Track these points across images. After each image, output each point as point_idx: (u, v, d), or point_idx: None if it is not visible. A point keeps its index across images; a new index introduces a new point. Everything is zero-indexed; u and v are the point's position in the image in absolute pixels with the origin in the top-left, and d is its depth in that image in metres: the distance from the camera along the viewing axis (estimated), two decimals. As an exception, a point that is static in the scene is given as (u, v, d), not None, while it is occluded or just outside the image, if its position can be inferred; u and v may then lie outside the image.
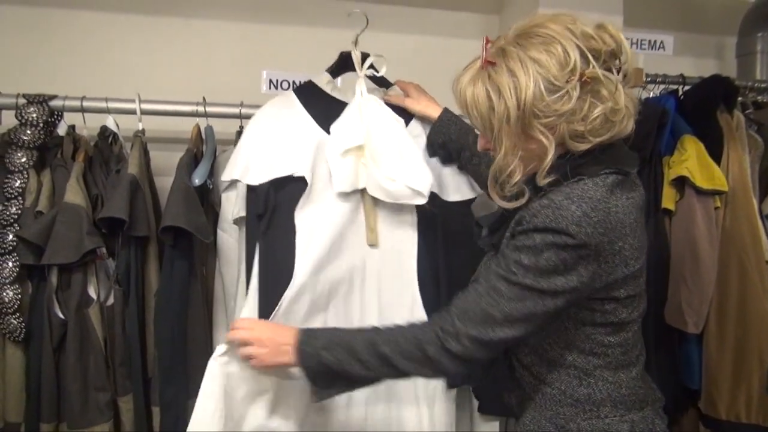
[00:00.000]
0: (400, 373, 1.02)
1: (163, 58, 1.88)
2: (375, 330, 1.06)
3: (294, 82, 1.81)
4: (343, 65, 1.47)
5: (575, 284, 0.92)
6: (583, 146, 0.94)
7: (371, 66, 1.43)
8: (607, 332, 0.99)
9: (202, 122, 1.62)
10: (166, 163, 1.62)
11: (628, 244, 0.95)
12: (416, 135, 1.43)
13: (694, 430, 1.70)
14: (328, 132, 1.37)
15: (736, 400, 1.58)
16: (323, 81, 1.45)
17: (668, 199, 1.63)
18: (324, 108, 1.40)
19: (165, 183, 1.51)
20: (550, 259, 0.91)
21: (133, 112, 1.56)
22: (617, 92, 0.92)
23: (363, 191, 1.36)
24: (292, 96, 1.42)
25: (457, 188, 1.45)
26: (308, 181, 1.32)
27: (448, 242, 1.42)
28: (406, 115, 1.44)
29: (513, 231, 0.98)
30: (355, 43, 1.42)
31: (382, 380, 1.08)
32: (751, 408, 1.58)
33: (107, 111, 1.56)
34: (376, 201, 1.36)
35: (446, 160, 1.44)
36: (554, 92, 0.90)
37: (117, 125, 1.58)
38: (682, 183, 1.61)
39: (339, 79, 1.50)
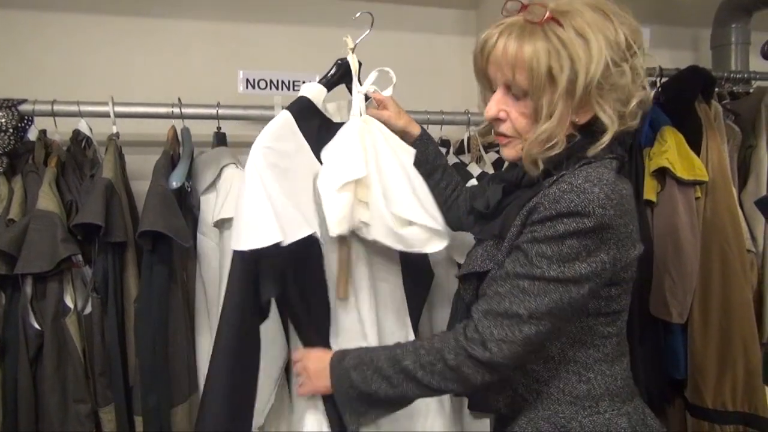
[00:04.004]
0: (424, 388, 0.97)
1: (136, 59, 1.84)
2: (400, 344, 1.02)
3: (271, 81, 1.79)
4: (340, 77, 1.30)
5: (598, 270, 0.89)
6: (617, 128, 0.93)
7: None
8: (607, 322, 0.98)
9: (178, 124, 1.59)
10: (142, 166, 1.59)
11: (635, 226, 0.95)
12: None
13: (680, 419, 1.71)
14: (320, 160, 1.20)
15: (721, 388, 1.60)
16: (320, 98, 1.25)
17: (650, 190, 1.63)
18: (316, 131, 1.22)
19: (142, 187, 1.47)
20: (573, 246, 0.88)
21: (106, 115, 1.53)
22: (644, 85, 0.95)
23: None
24: (290, 122, 1.17)
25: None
26: (319, 238, 1.13)
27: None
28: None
29: (525, 220, 0.94)
30: (353, 50, 1.28)
31: (409, 399, 1.02)
32: (736, 396, 1.59)
33: (79, 114, 1.52)
34: (358, 244, 1.24)
35: None
36: (616, 65, 0.90)
37: (90, 129, 1.55)
38: (662, 174, 1.62)
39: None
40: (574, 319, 0.96)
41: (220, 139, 1.66)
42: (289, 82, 1.78)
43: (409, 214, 1.18)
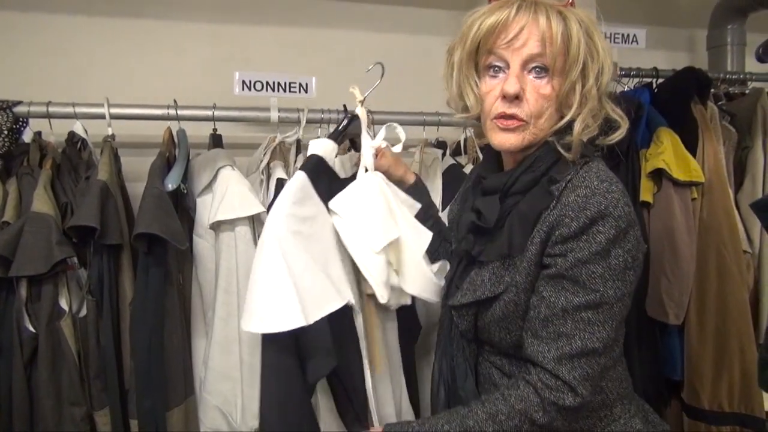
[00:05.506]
0: None
1: (132, 61, 1.84)
2: (465, 416, 0.91)
3: (267, 83, 1.78)
4: (351, 131, 1.26)
5: (639, 269, 0.89)
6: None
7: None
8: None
9: (174, 125, 1.58)
10: (138, 168, 1.58)
11: None
12: None
13: (677, 421, 1.71)
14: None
15: (718, 389, 1.60)
16: (332, 156, 1.18)
17: (646, 191, 1.64)
18: (327, 189, 1.14)
19: (137, 189, 1.46)
20: (618, 255, 0.85)
21: (102, 116, 1.52)
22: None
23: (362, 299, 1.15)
24: (307, 184, 1.09)
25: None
26: (355, 307, 1.09)
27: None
28: None
29: (546, 237, 0.89)
30: (362, 102, 1.22)
31: None
32: (733, 397, 1.59)
33: (75, 116, 1.51)
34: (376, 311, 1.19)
35: None
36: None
37: (85, 131, 1.54)
38: (659, 175, 1.62)
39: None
40: None
41: (216, 141, 1.66)
42: (285, 83, 1.77)
43: (428, 265, 1.17)
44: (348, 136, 1.27)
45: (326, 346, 1.00)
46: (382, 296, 1.08)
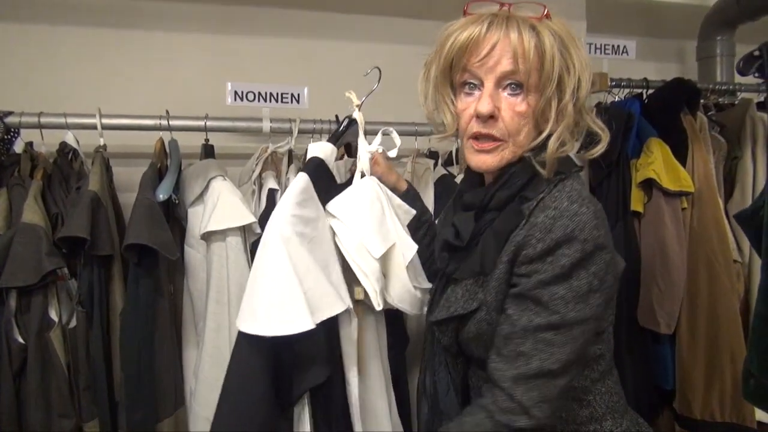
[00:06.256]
0: None
1: (124, 71, 1.84)
2: None
3: (259, 94, 1.79)
4: (348, 135, 1.26)
5: (608, 293, 0.86)
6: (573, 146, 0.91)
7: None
8: (596, 341, 0.93)
9: (166, 136, 1.58)
10: (130, 179, 1.58)
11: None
12: None
13: (669, 430, 1.71)
14: None
15: (709, 399, 1.60)
16: (332, 159, 1.18)
17: (636, 201, 1.65)
18: (325, 193, 1.13)
19: (129, 199, 1.46)
20: (582, 276, 0.83)
21: (93, 127, 1.52)
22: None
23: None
24: (309, 186, 1.08)
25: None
26: (352, 313, 1.07)
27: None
28: None
29: (514, 257, 0.88)
30: (359, 107, 1.22)
31: None
32: (724, 407, 1.59)
33: (66, 127, 1.51)
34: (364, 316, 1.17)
35: None
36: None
37: (77, 141, 1.53)
38: (649, 185, 1.63)
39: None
40: None
41: (208, 151, 1.66)
42: (277, 94, 1.78)
43: (420, 279, 1.15)
44: (345, 141, 1.25)
45: (322, 354, 0.98)
46: (379, 303, 1.07)
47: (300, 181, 1.07)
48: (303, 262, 0.97)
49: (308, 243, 1.00)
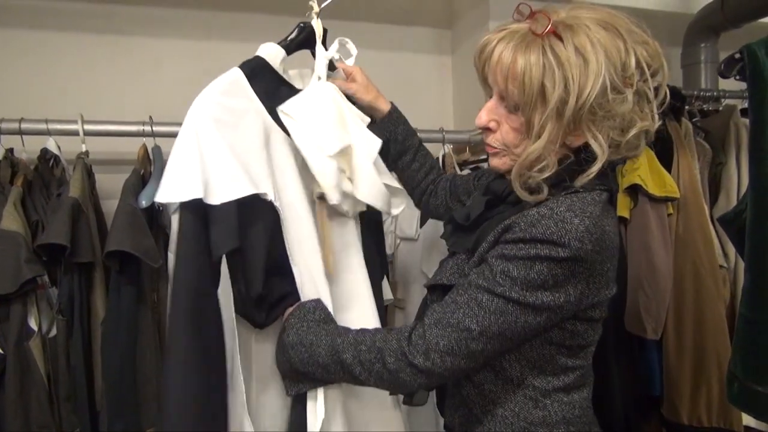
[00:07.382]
0: (359, 382, 0.96)
1: (106, 77, 1.83)
2: (341, 333, 0.98)
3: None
4: (302, 42, 1.24)
5: (561, 302, 0.85)
6: (611, 158, 0.88)
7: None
8: (569, 354, 0.94)
9: (150, 142, 1.57)
10: (113, 185, 1.56)
11: (613, 266, 0.90)
12: None
13: (657, 436, 1.71)
14: (275, 119, 1.12)
15: (697, 404, 1.60)
16: (277, 59, 1.18)
17: (622, 207, 1.65)
18: (274, 92, 1.15)
19: (113, 206, 1.44)
20: (541, 272, 0.83)
21: (75, 133, 1.50)
22: (653, 113, 0.88)
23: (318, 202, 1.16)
24: (241, 80, 1.10)
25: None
26: (275, 204, 1.05)
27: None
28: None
29: (499, 237, 0.89)
30: (318, 14, 1.21)
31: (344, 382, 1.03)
32: (711, 412, 1.59)
33: (48, 133, 1.50)
34: (329, 215, 1.19)
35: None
36: (615, 91, 0.83)
37: (59, 147, 1.52)
38: (635, 191, 1.63)
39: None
40: (528, 344, 0.92)
41: (193, 158, 1.64)
42: (262, 100, 1.76)
43: (385, 177, 1.19)
44: (301, 47, 1.24)
45: (230, 228, 0.99)
46: (331, 198, 1.10)
47: (231, 73, 1.09)
48: (213, 144, 0.99)
49: (225, 129, 1.02)
